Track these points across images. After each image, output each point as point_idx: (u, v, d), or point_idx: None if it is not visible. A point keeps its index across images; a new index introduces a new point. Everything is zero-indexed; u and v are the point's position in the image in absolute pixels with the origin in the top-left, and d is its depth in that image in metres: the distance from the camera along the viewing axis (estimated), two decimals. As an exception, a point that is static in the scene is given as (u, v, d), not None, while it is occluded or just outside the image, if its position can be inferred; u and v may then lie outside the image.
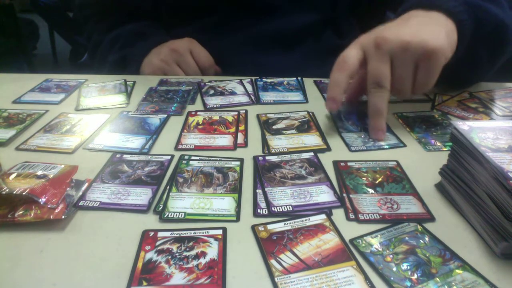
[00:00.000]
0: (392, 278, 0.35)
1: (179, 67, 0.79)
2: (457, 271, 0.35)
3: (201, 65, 0.80)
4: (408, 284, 0.34)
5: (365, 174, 0.48)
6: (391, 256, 0.37)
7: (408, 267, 0.36)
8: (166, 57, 0.79)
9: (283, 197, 0.44)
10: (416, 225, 0.40)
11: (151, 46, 0.81)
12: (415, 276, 0.35)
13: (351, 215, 0.42)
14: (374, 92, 0.54)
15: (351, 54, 0.55)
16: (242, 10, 0.80)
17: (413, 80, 0.53)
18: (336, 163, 0.51)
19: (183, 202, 0.44)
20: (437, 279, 0.34)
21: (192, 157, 0.52)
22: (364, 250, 0.38)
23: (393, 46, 0.52)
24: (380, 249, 0.38)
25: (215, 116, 0.63)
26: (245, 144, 0.56)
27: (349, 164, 0.50)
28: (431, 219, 0.42)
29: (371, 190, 0.46)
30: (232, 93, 0.71)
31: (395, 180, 0.47)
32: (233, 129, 0.59)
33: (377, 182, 0.47)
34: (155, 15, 0.85)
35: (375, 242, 0.38)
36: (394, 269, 0.36)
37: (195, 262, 0.36)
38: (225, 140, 0.56)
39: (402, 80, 0.53)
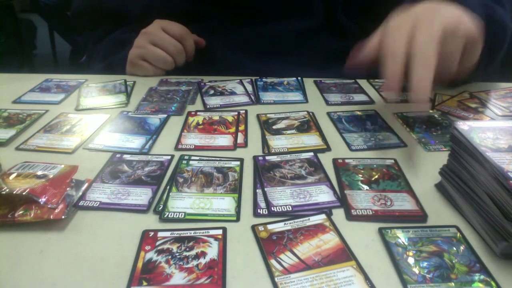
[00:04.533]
0: (405, 270, 0.35)
1: (156, 46, 0.76)
2: (479, 284, 0.34)
3: (177, 36, 0.76)
4: (420, 279, 0.34)
5: (362, 171, 0.49)
6: (414, 252, 0.37)
7: (427, 266, 0.36)
8: (138, 42, 0.77)
9: (283, 197, 0.44)
10: (456, 232, 0.40)
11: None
12: (430, 275, 0.35)
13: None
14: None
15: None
16: (237, 16, 0.80)
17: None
18: (334, 161, 0.51)
19: (183, 202, 0.44)
20: (452, 284, 0.34)
21: (192, 157, 0.52)
22: (389, 240, 0.38)
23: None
24: (406, 243, 0.38)
25: (215, 116, 0.63)
26: (245, 144, 0.56)
27: (346, 161, 0.51)
28: (423, 216, 0.42)
29: (366, 187, 0.46)
30: (232, 93, 0.71)
31: (391, 177, 0.48)
32: (233, 129, 0.59)
33: (373, 179, 0.47)
34: (146, 22, 0.84)
35: (404, 236, 0.39)
36: (412, 263, 0.36)
37: (195, 262, 0.36)
38: (225, 140, 0.56)
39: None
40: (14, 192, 0.41)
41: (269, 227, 0.40)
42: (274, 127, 0.60)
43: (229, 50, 0.81)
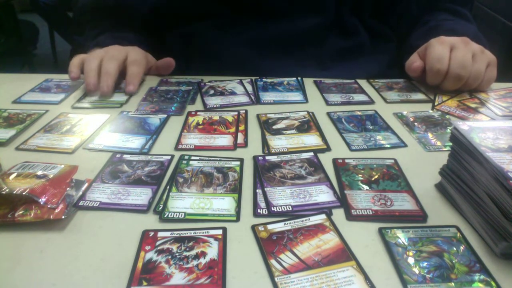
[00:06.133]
0: (405, 270, 0.35)
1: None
2: (479, 284, 0.34)
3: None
4: (420, 279, 0.34)
5: (362, 171, 0.49)
6: (414, 252, 0.37)
7: (427, 266, 0.36)
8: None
9: (283, 197, 0.44)
10: (456, 232, 0.40)
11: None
12: (430, 275, 0.35)
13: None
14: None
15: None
16: (247, 14, 0.80)
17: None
18: (334, 161, 0.51)
19: (183, 202, 0.44)
20: (452, 284, 0.34)
21: (192, 157, 0.52)
22: (389, 240, 0.38)
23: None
24: (406, 243, 0.38)
25: (215, 116, 0.63)
26: (245, 144, 0.56)
27: (346, 161, 0.51)
28: (423, 216, 0.42)
29: (366, 187, 0.46)
30: (232, 93, 0.71)
31: (391, 177, 0.48)
32: (233, 129, 0.59)
33: (373, 179, 0.47)
34: (153, 18, 0.84)
35: (404, 236, 0.39)
36: (412, 263, 0.36)
37: (195, 262, 0.36)
38: (225, 140, 0.56)
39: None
40: (14, 192, 0.41)
41: (269, 227, 0.40)
42: (274, 127, 0.60)
43: (237, 48, 0.81)
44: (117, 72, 0.70)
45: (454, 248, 0.38)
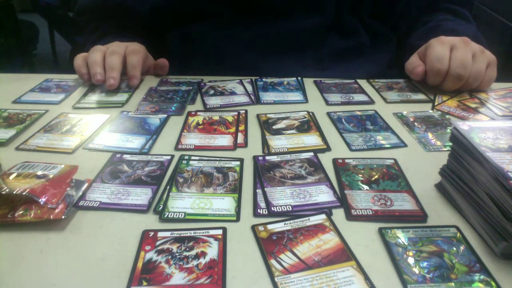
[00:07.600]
0: (405, 270, 0.35)
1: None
2: (479, 284, 0.34)
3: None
4: (420, 279, 0.34)
5: (362, 171, 0.49)
6: (414, 252, 0.37)
7: (427, 266, 0.36)
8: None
9: (283, 197, 0.44)
10: (456, 232, 0.40)
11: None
12: (430, 275, 0.35)
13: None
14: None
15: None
16: (246, 14, 0.80)
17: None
18: (334, 161, 0.51)
19: (183, 202, 0.44)
20: (452, 284, 0.34)
21: (192, 157, 0.52)
22: (389, 240, 0.38)
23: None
24: (406, 243, 0.38)
25: (215, 116, 0.63)
26: (245, 144, 0.56)
27: (346, 161, 0.51)
28: (423, 216, 0.42)
29: (366, 187, 0.46)
30: (232, 93, 0.71)
31: (391, 177, 0.48)
32: (233, 129, 0.59)
33: (373, 179, 0.47)
34: (153, 18, 0.84)
35: (404, 236, 0.39)
36: (412, 263, 0.36)
37: (195, 262, 0.36)
38: (225, 140, 0.56)
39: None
40: (14, 192, 0.41)
41: (269, 227, 0.40)
42: (274, 127, 0.60)
43: (237, 48, 0.81)
44: (120, 65, 0.72)
45: (454, 248, 0.38)
